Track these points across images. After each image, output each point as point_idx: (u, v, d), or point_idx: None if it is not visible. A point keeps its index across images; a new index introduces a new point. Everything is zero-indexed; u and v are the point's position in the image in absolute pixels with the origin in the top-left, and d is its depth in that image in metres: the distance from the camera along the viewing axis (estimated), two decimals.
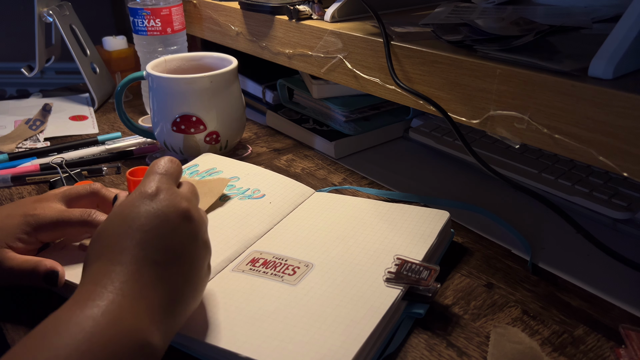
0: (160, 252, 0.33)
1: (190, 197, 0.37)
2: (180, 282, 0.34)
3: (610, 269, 0.48)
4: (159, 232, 0.33)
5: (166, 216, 0.34)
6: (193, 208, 0.36)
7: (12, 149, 0.71)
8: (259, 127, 0.81)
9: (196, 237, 0.36)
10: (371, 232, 0.48)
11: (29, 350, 0.27)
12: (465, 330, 0.41)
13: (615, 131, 0.38)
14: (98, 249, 0.33)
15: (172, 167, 0.38)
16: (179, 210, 0.35)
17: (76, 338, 0.28)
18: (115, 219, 0.34)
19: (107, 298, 0.30)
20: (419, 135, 0.71)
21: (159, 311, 0.32)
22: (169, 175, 0.37)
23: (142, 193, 0.35)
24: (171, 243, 0.34)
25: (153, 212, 0.34)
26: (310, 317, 0.38)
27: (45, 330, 0.28)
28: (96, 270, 0.32)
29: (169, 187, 0.36)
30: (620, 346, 0.39)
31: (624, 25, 0.39)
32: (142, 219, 0.33)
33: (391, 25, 0.58)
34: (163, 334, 0.32)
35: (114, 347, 0.28)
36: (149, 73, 0.63)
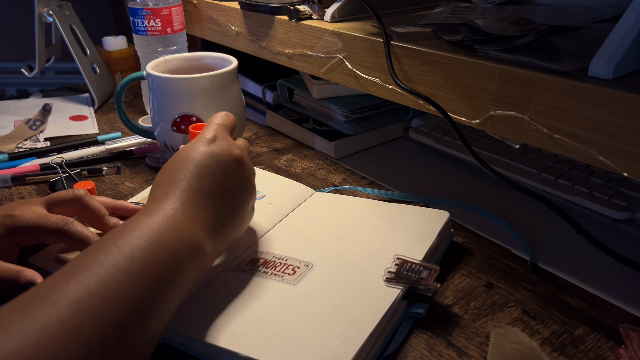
0: (213, 185, 0.39)
1: (243, 148, 0.43)
2: (227, 213, 0.40)
3: (610, 269, 0.48)
4: (213, 169, 0.39)
5: (220, 157, 0.40)
6: (244, 156, 0.42)
7: (12, 149, 0.71)
8: (259, 127, 0.81)
9: (244, 180, 0.41)
10: (371, 232, 0.48)
11: (110, 240, 0.33)
12: (465, 330, 0.41)
13: (615, 131, 0.38)
14: (161, 179, 0.39)
15: (227, 119, 0.44)
16: (231, 155, 0.40)
17: (146, 233, 0.33)
18: (178, 156, 0.40)
19: (169, 212, 0.36)
20: (419, 135, 0.71)
21: (209, 230, 0.38)
22: (225, 125, 0.43)
23: (201, 138, 0.41)
24: (222, 179, 0.39)
25: (209, 153, 0.40)
26: (310, 317, 0.38)
27: (122, 229, 0.34)
28: (160, 193, 0.38)
29: (225, 136, 0.42)
30: (620, 346, 0.39)
31: (624, 25, 0.39)
32: (199, 157, 0.39)
33: (391, 25, 0.58)
34: (212, 248, 0.38)
35: (176, 247, 0.34)
36: (149, 73, 0.63)
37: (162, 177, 0.39)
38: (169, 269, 0.33)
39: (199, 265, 0.36)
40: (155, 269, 0.32)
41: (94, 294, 0.29)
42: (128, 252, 0.32)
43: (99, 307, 0.29)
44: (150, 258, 0.32)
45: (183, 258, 0.34)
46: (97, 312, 0.28)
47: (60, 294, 0.28)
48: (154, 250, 0.33)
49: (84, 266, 0.30)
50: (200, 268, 0.37)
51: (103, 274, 0.30)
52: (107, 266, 0.30)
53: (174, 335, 0.38)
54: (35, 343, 0.26)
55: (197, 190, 0.38)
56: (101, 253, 0.31)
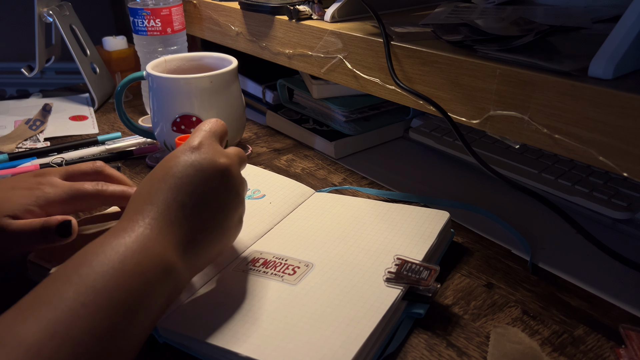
0: (190, 196, 0.37)
1: (233, 157, 0.40)
2: (206, 225, 0.38)
3: (610, 269, 0.48)
4: (191, 179, 0.37)
5: (201, 166, 0.38)
6: (231, 165, 0.39)
7: (12, 149, 0.71)
8: (259, 127, 0.81)
9: (229, 191, 0.39)
10: (371, 232, 0.48)
11: (72, 267, 0.31)
12: (465, 330, 0.41)
13: (615, 131, 0.38)
14: (139, 190, 0.38)
15: (217, 126, 0.42)
16: (215, 164, 0.38)
17: (112, 259, 0.32)
18: (159, 166, 0.39)
19: (137, 230, 0.34)
20: (419, 135, 0.71)
21: (182, 245, 0.36)
22: (213, 132, 0.41)
23: (186, 145, 0.39)
24: (202, 190, 0.37)
25: (190, 163, 0.38)
26: (310, 317, 0.38)
27: (85, 254, 0.32)
28: (133, 207, 0.37)
29: (211, 143, 0.40)
30: (620, 346, 0.39)
31: (624, 25, 0.39)
32: (179, 167, 0.38)
33: (391, 25, 0.58)
34: (186, 266, 0.36)
35: (143, 268, 0.32)
36: (149, 73, 0.63)
37: (141, 188, 0.38)
38: (136, 296, 0.31)
39: (170, 287, 0.34)
40: (122, 298, 0.30)
41: (54, 335, 0.27)
42: (91, 281, 0.30)
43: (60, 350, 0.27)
44: (115, 286, 0.30)
45: (151, 281, 0.33)
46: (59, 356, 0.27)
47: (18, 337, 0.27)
48: (119, 277, 0.31)
49: (44, 300, 0.29)
50: (172, 289, 0.35)
51: (63, 309, 0.28)
52: (68, 300, 0.29)
53: (174, 335, 0.38)
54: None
55: (173, 204, 0.36)
56: (62, 284, 0.30)
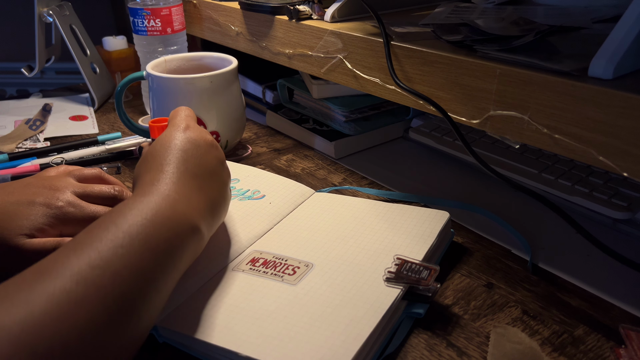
0: (197, 167, 0.40)
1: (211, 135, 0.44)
2: (214, 193, 0.41)
3: (610, 269, 0.48)
4: (195, 153, 0.41)
5: (198, 142, 0.41)
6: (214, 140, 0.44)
7: (12, 149, 0.71)
8: (259, 127, 0.81)
9: (222, 162, 0.43)
10: (371, 232, 0.48)
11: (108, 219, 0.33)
12: (465, 330, 0.41)
13: (615, 131, 0.38)
14: (146, 166, 0.40)
15: (190, 112, 0.46)
16: (207, 140, 0.43)
17: (146, 212, 0.34)
18: (157, 145, 0.41)
19: (163, 192, 0.37)
20: (419, 135, 0.71)
21: (202, 209, 0.39)
22: (192, 117, 0.45)
23: (175, 127, 0.43)
24: (205, 162, 0.41)
25: (187, 139, 0.41)
26: (310, 317, 0.38)
27: (120, 208, 0.34)
28: (149, 178, 0.38)
29: (195, 124, 0.44)
30: (620, 346, 0.39)
31: (624, 25, 0.39)
32: (180, 143, 0.41)
33: (391, 25, 0.58)
34: (207, 228, 0.39)
35: (172, 224, 0.35)
36: (149, 73, 0.63)
37: (146, 164, 0.40)
38: (168, 245, 0.34)
39: (195, 244, 0.37)
40: (154, 245, 0.33)
41: (95, 267, 0.30)
42: (127, 228, 0.32)
43: (101, 279, 0.29)
44: (148, 234, 0.33)
45: (180, 236, 0.35)
46: (98, 284, 0.29)
47: (62, 267, 0.29)
48: (151, 227, 0.33)
49: (84, 243, 0.31)
50: (196, 247, 0.38)
51: (102, 248, 0.31)
52: (107, 242, 0.31)
53: (174, 335, 0.38)
54: (40, 312, 0.27)
55: (184, 172, 0.39)
56: (100, 230, 0.32)
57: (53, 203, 0.43)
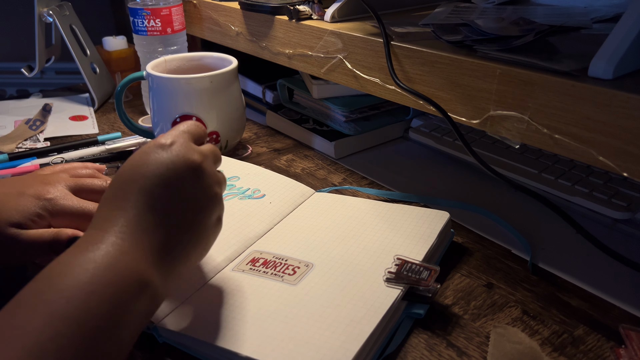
0: (162, 199, 0.34)
1: (206, 154, 0.38)
2: (181, 230, 0.35)
3: (610, 269, 0.48)
4: (163, 180, 0.34)
5: (174, 165, 0.35)
6: (205, 162, 0.37)
7: (12, 149, 0.71)
8: (259, 127, 0.81)
9: (204, 190, 0.36)
10: (371, 232, 0.48)
11: (36, 292, 0.29)
12: (465, 330, 0.41)
13: (615, 131, 0.38)
14: (107, 194, 0.35)
15: (194, 128, 0.39)
16: (188, 162, 0.35)
17: (80, 279, 0.29)
18: (127, 164, 0.35)
19: (106, 241, 0.32)
20: (419, 135, 0.71)
21: (157, 254, 0.33)
22: (189, 132, 0.38)
23: (156, 142, 0.36)
24: (175, 192, 0.35)
25: (161, 161, 0.35)
26: (310, 317, 0.38)
27: (50, 273, 0.30)
28: (101, 215, 0.34)
29: (185, 142, 0.37)
30: (620, 346, 0.39)
31: (624, 25, 0.39)
32: (149, 166, 0.35)
33: (391, 25, 0.58)
34: (163, 277, 0.33)
35: (115, 287, 0.30)
36: (149, 73, 0.63)
37: (108, 192, 0.35)
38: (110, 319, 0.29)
39: (147, 302, 0.32)
40: (94, 324, 0.28)
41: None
42: (59, 309, 0.27)
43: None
44: (85, 311, 0.28)
45: (126, 301, 0.30)
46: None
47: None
48: (89, 301, 0.28)
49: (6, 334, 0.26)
50: (149, 303, 0.32)
51: (29, 346, 0.26)
52: (34, 333, 0.26)
53: (174, 335, 0.38)
54: None
55: (142, 207, 0.33)
56: (26, 313, 0.27)
57: (43, 195, 0.43)
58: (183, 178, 0.35)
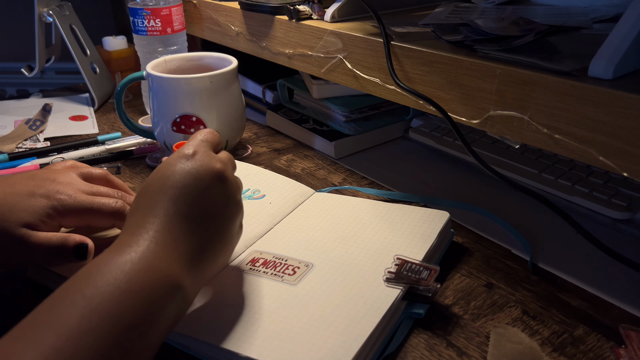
0: (191, 207, 0.36)
1: (226, 162, 0.40)
2: (209, 237, 0.37)
3: (610, 269, 0.48)
4: (191, 189, 0.36)
5: (199, 174, 0.37)
6: (227, 170, 0.39)
7: (12, 149, 0.71)
8: (259, 127, 0.81)
9: (228, 197, 0.38)
10: (371, 232, 0.48)
11: (75, 288, 0.30)
12: (465, 330, 0.41)
13: (615, 131, 0.38)
14: (137, 204, 0.37)
15: (211, 136, 0.41)
16: (212, 171, 0.37)
17: (117, 278, 0.30)
18: (154, 176, 0.37)
19: (142, 245, 0.33)
20: (419, 135, 0.71)
21: (188, 260, 0.35)
22: (208, 141, 0.40)
23: (179, 153, 0.38)
24: (202, 200, 0.36)
25: (187, 171, 0.37)
26: (310, 317, 0.38)
27: (89, 272, 0.31)
28: (133, 222, 0.35)
29: (205, 151, 0.39)
30: (620, 346, 0.39)
31: (624, 25, 0.39)
32: (176, 176, 0.36)
33: (391, 25, 0.58)
34: (193, 281, 0.35)
35: (150, 288, 0.31)
36: (149, 73, 0.63)
37: (137, 202, 0.37)
38: (144, 318, 0.30)
39: (178, 305, 0.33)
40: (128, 321, 0.29)
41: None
42: (96, 304, 0.28)
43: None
44: (121, 308, 0.29)
45: (159, 302, 0.31)
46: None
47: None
48: (126, 299, 0.30)
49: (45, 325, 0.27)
50: (180, 306, 0.34)
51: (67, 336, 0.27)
52: (72, 326, 0.27)
53: (174, 335, 0.38)
54: None
55: (173, 215, 0.35)
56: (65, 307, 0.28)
57: (53, 195, 0.43)
58: (209, 187, 0.37)
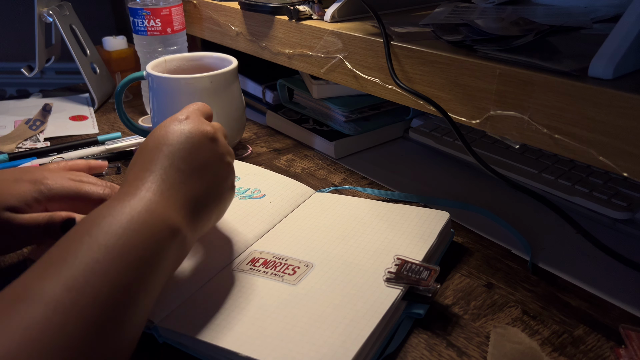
0: (186, 161, 0.38)
1: (217, 127, 0.42)
2: (204, 189, 0.39)
3: (610, 269, 0.48)
4: (184, 146, 0.39)
5: (192, 134, 0.40)
6: (217, 134, 0.41)
7: (12, 149, 0.71)
8: (259, 127, 0.81)
9: (219, 156, 0.41)
10: (371, 232, 0.48)
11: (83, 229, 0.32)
12: (465, 330, 0.41)
13: (615, 131, 0.38)
14: (134, 161, 0.39)
15: (203, 107, 0.44)
16: (204, 132, 0.40)
17: (120, 219, 0.33)
18: (150, 137, 0.40)
19: (140, 194, 0.35)
20: (419, 135, 0.71)
21: (184, 207, 0.37)
22: (199, 110, 0.43)
23: (173, 118, 0.41)
24: (195, 156, 0.39)
25: (180, 131, 0.40)
26: (310, 317, 0.38)
27: (94, 217, 0.33)
28: (132, 176, 0.37)
29: (197, 116, 0.42)
30: (620, 346, 0.39)
31: (624, 25, 0.39)
32: (170, 135, 0.39)
33: (391, 25, 0.58)
34: (190, 228, 0.37)
35: (150, 228, 0.33)
36: (149, 73, 0.63)
37: (136, 159, 0.39)
38: (146, 254, 0.32)
39: (177, 248, 0.36)
40: (133, 255, 0.32)
41: (72, 289, 0.28)
42: (102, 240, 0.31)
43: (79, 301, 0.28)
44: (126, 243, 0.31)
45: (160, 241, 0.34)
46: (77, 307, 0.28)
47: (37, 293, 0.28)
48: (129, 235, 0.32)
49: (58, 260, 0.30)
50: (179, 250, 0.36)
51: (79, 266, 0.29)
52: (83, 258, 0.30)
53: (174, 335, 0.38)
54: (17, 347, 0.25)
55: (170, 169, 0.38)
56: (75, 244, 0.31)
57: (40, 179, 0.44)
58: (201, 145, 0.40)
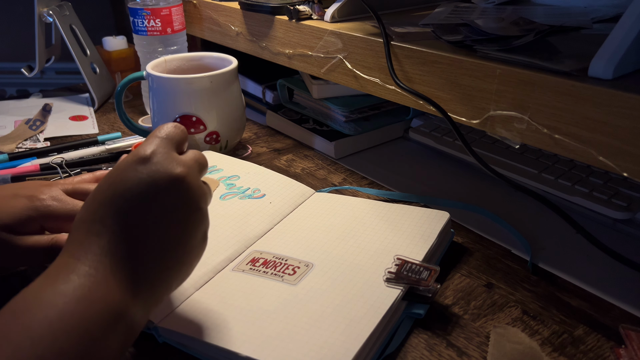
0: (142, 221, 0.31)
1: (191, 164, 0.34)
2: (163, 254, 0.32)
3: (610, 269, 0.48)
4: (143, 200, 0.32)
5: (154, 181, 0.32)
6: (190, 175, 0.33)
7: (12, 149, 0.71)
8: (259, 127, 0.81)
9: (188, 205, 0.33)
10: (371, 232, 0.48)
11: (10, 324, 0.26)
12: (465, 330, 0.41)
13: (615, 131, 0.38)
14: (83, 214, 0.32)
15: (174, 132, 0.35)
16: (170, 176, 0.32)
17: (48, 316, 0.27)
18: (104, 182, 0.33)
19: (78, 271, 0.29)
20: (419, 135, 0.71)
21: (134, 283, 0.31)
22: (169, 139, 0.35)
23: (134, 155, 0.33)
24: (156, 212, 0.32)
25: (139, 178, 0.32)
26: (310, 317, 0.38)
27: (15, 309, 0.27)
28: (73, 240, 0.31)
29: (166, 152, 0.33)
30: (620, 346, 0.39)
31: (624, 25, 0.39)
32: (127, 184, 0.32)
33: (391, 25, 0.58)
34: (141, 305, 0.31)
35: (87, 322, 0.27)
36: (149, 73, 0.63)
37: (82, 214, 0.32)
38: (82, 349, 0.27)
39: (122, 332, 0.30)
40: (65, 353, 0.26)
41: None
42: (27, 349, 0.25)
43: None
44: (56, 351, 0.26)
45: (98, 336, 0.28)
46: None
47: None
48: (59, 339, 0.26)
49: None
50: (125, 333, 0.30)
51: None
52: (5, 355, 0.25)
53: (174, 335, 0.38)
54: None
55: (117, 233, 0.31)
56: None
57: (36, 196, 0.42)
58: (165, 196, 0.32)
